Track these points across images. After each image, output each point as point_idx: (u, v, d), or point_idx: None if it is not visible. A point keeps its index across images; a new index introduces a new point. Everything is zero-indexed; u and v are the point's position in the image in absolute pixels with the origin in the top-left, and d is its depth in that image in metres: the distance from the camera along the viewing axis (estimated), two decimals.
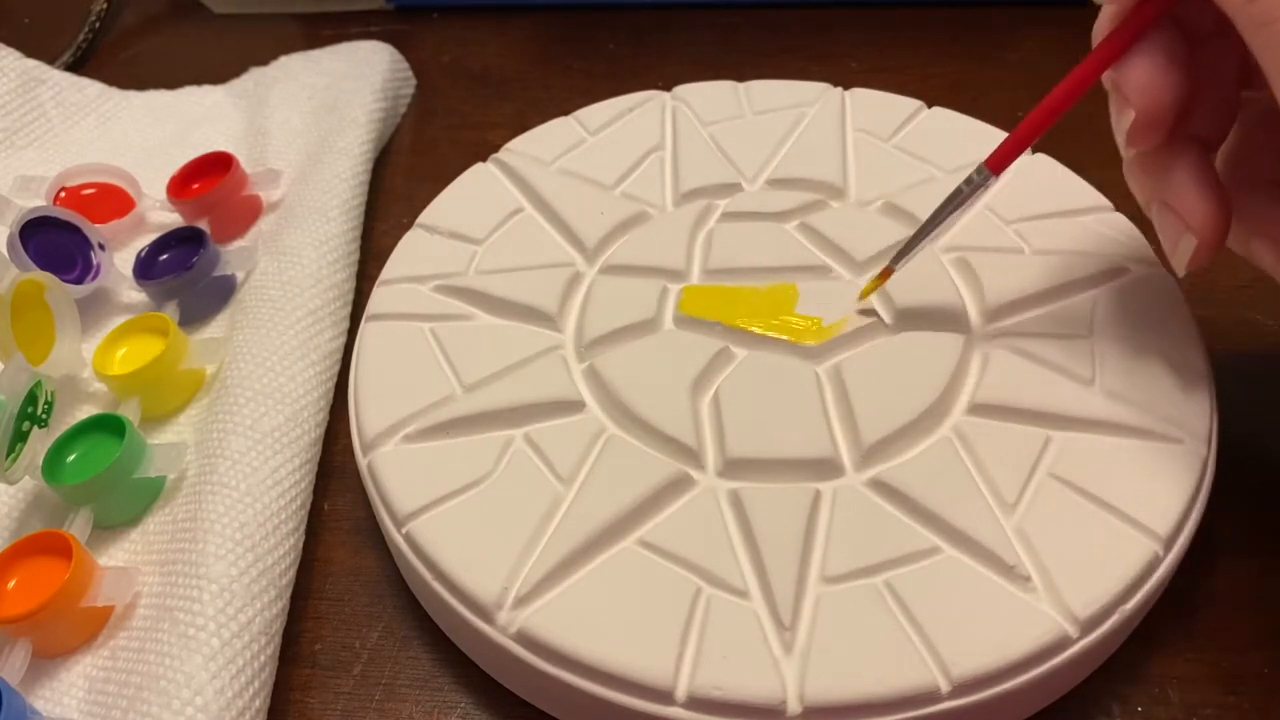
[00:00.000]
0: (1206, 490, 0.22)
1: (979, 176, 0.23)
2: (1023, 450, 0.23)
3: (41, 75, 0.40)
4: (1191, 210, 0.22)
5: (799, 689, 0.20)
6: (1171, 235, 0.22)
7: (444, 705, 0.23)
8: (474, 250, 0.29)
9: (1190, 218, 0.22)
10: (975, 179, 0.23)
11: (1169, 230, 0.22)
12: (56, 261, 0.31)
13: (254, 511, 0.24)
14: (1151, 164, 0.22)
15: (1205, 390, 0.24)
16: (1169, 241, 0.23)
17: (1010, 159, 0.23)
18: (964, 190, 0.23)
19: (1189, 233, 0.22)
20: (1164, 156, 0.22)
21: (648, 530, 0.22)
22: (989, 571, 0.21)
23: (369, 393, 0.26)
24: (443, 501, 0.23)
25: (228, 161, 0.34)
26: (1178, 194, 0.22)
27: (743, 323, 0.26)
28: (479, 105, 0.40)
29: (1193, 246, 0.22)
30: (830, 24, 0.42)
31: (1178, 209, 0.22)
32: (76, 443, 0.27)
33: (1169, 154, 0.22)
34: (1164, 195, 0.22)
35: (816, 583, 0.21)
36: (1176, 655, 0.23)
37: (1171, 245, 0.22)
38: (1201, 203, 0.22)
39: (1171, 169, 0.22)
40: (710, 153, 0.31)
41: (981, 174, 0.23)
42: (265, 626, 0.23)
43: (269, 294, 0.30)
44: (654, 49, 0.42)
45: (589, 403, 0.25)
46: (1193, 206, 0.22)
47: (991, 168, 0.23)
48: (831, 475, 0.23)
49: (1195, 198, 0.22)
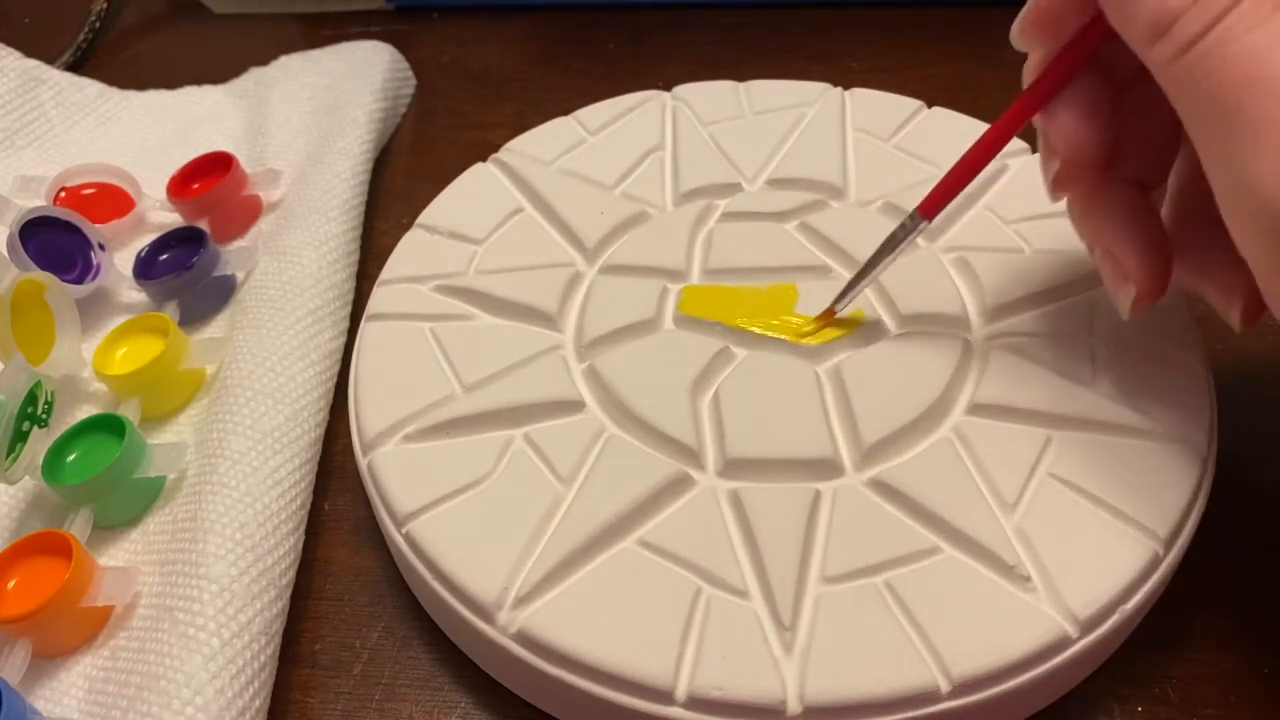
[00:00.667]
0: (1206, 490, 0.22)
1: (912, 222, 0.23)
2: (1023, 450, 0.23)
3: (41, 75, 0.40)
4: (1125, 258, 0.21)
5: (799, 689, 0.20)
6: (1111, 282, 0.22)
7: (444, 705, 0.23)
8: (474, 250, 0.29)
9: (1126, 265, 0.21)
10: (909, 224, 0.23)
11: (1108, 276, 0.22)
12: (56, 261, 0.31)
13: (254, 511, 0.24)
14: (1088, 209, 0.22)
15: (1205, 390, 0.24)
16: (1110, 287, 0.22)
17: (941, 205, 0.23)
18: (899, 235, 0.24)
19: (1126, 281, 0.21)
20: (1099, 201, 0.22)
21: (648, 530, 0.22)
22: (989, 571, 0.21)
23: (369, 393, 0.26)
24: (443, 501, 0.23)
25: (228, 161, 0.34)
26: (1113, 241, 0.21)
27: (743, 323, 0.26)
28: (479, 105, 0.40)
29: (1132, 294, 0.21)
30: (830, 24, 0.42)
31: (1115, 255, 0.21)
32: (76, 443, 0.27)
33: (1104, 198, 0.22)
34: (1101, 241, 0.22)
35: (816, 583, 0.21)
36: (1176, 655, 0.23)
37: (1113, 291, 0.22)
38: (1135, 251, 0.21)
39: (1108, 214, 0.22)
40: (710, 153, 0.31)
41: (914, 219, 0.23)
42: (265, 626, 0.23)
43: (269, 294, 0.30)
44: (654, 49, 0.42)
45: (589, 403, 0.25)
46: (1126, 254, 0.21)
47: (924, 213, 0.23)
48: (831, 475, 0.23)
49: (1129, 245, 0.21)
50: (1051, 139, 0.21)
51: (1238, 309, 0.21)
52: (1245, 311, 0.21)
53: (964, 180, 0.23)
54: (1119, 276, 0.22)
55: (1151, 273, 0.21)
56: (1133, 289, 0.21)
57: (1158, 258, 0.21)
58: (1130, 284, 0.21)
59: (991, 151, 0.22)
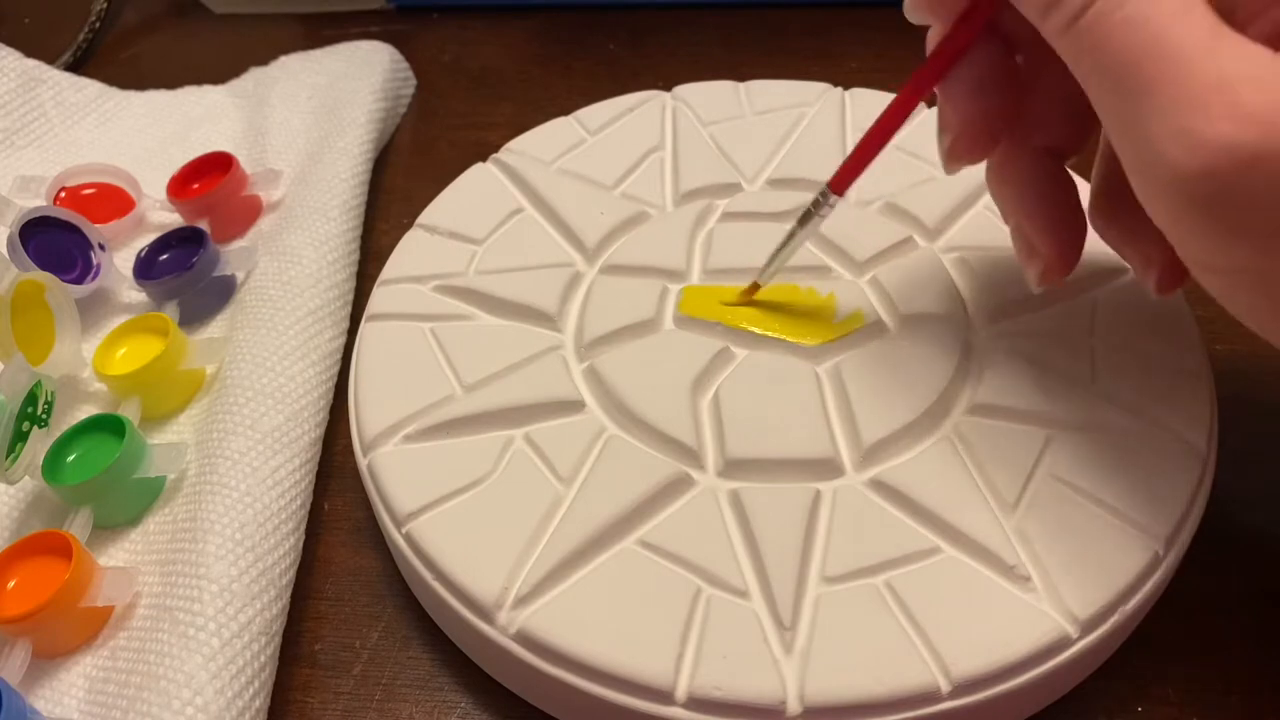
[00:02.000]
0: (1206, 490, 0.22)
1: (824, 198, 0.23)
2: (1023, 450, 0.23)
3: (41, 75, 0.40)
4: (1033, 232, 0.21)
5: (799, 689, 0.20)
6: (1019, 254, 0.22)
7: (444, 705, 0.23)
8: (474, 250, 0.29)
9: (1034, 239, 0.21)
10: (821, 200, 0.23)
11: (1018, 248, 0.22)
12: (56, 261, 0.31)
13: (254, 511, 0.24)
14: (999, 179, 0.22)
15: (1205, 390, 0.24)
16: (1020, 258, 0.22)
17: (850, 180, 0.23)
18: (812, 212, 0.24)
19: (1033, 254, 0.21)
20: (1009, 171, 0.21)
21: (648, 530, 0.22)
22: (989, 571, 0.21)
23: (369, 393, 0.26)
24: (443, 501, 0.23)
25: (228, 161, 0.34)
26: (1022, 214, 0.21)
27: (743, 323, 0.26)
28: (479, 105, 0.40)
29: (1039, 267, 0.21)
30: (830, 24, 0.42)
31: (1020, 228, 0.21)
32: (76, 443, 0.27)
33: (1014, 169, 0.21)
34: (1013, 213, 0.22)
35: (816, 583, 0.21)
36: (1176, 655, 0.23)
37: (1021, 263, 0.22)
38: (1043, 225, 0.21)
39: (1017, 186, 0.21)
40: (710, 153, 0.31)
41: (826, 196, 0.23)
42: (265, 626, 0.23)
43: (269, 294, 0.30)
44: (654, 49, 0.42)
45: (589, 403, 0.25)
46: (1034, 228, 0.21)
47: (834, 189, 0.23)
48: (831, 475, 0.23)
49: (1038, 220, 0.21)
50: (944, 111, 0.21)
51: (1153, 277, 0.20)
52: (1161, 279, 0.20)
53: (869, 156, 0.22)
54: (1026, 250, 0.22)
55: (1057, 247, 0.21)
56: (1040, 263, 0.21)
57: (1065, 232, 0.21)
58: (1038, 257, 0.21)
59: (892, 126, 0.22)
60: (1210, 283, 0.17)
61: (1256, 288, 0.16)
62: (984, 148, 0.21)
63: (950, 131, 0.21)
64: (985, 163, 0.22)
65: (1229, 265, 0.16)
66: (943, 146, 0.21)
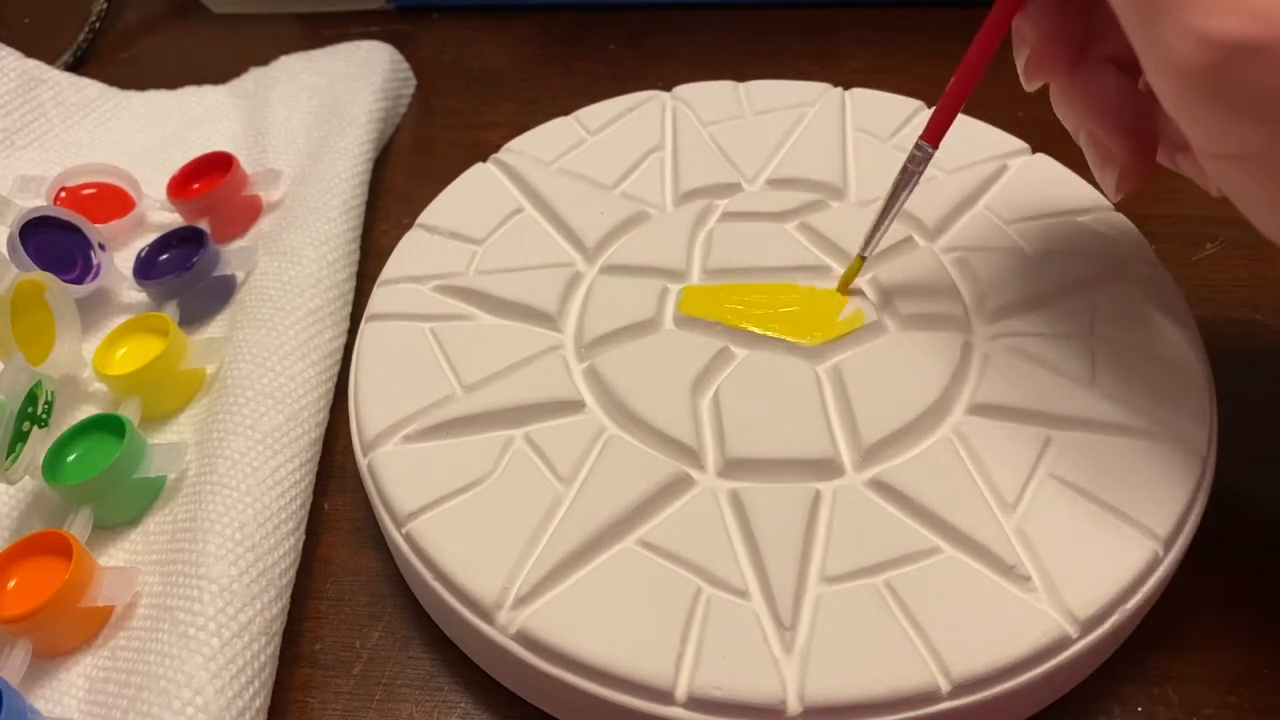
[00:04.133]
0: (1206, 490, 0.22)
1: (921, 152, 0.24)
2: (1023, 450, 0.23)
3: (41, 75, 0.40)
4: (1107, 137, 0.22)
5: (799, 689, 0.20)
6: (1096, 162, 0.23)
7: (444, 705, 0.23)
8: (474, 250, 0.29)
9: (1110, 143, 0.22)
10: (918, 154, 0.24)
11: (1093, 157, 0.23)
12: (56, 261, 0.31)
13: (254, 511, 0.24)
14: (1070, 93, 0.23)
15: (1205, 390, 0.24)
16: (1095, 169, 0.23)
17: (944, 128, 0.23)
18: (910, 168, 0.24)
19: (1110, 160, 0.22)
20: (1080, 84, 0.22)
21: (648, 530, 0.22)
22: (989, 571, 0.21)
23: (369, 393, 0.26)
24: (443, 501, 0.23)
25: (228, 161, 0.34)
26: (1094, 121, 0.22)
27: (743, 323, 0.26)
28: (479, 105, 0.40)
29: (1116, 172, 0.22)
30: (830, 24, 0.42)
31: (1098, 136, 0.22)
32: (76, 443, 0.27)
33: (1084, 81, 0.22)
34: (1084, 124, 0.23)
35: (816, 583, 0.21)
36: (1176, 655, 0.23)
37: (1098, 172, 0.23)
38: (1115, 129, 0.22)
39: (1087, 96, 0.22)
40: (710, 153, 0.31)
41: (922, 149, 0.24)
42: (265, 626, 0.23)
43: (269, 294, 0.30)
44: (654, 49, 0.42)
45: (589, 403, 0.25)
46: (1107, 133, 0.22)
47: (928, 140, 0.23)
48: (831, 475, 0.23)
49: (1110, 125, 0.22)
50: (1021, 28, 0.22)
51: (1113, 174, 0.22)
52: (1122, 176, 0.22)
53: (960, 100, 0.23)
54: (1102, 157, 0.23)
55: (1133, 149, 0.22)
56: (1116, 167, 0.22)
57: (1137, 134, 0.22)
58: (1114, 162, 0.22)
59: (982, 62, 0.22)
60: (1217, 169, 0.18)
61: (1258, 171, 0.17)
62: (1062, 62, 0.22)
63: (1028, 45, 0.22)
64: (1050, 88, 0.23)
65: (1238, 151, 0.17)
66: (1020, 62, 0.22)
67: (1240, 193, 0.18)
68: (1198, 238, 0.31)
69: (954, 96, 0.23)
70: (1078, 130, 0.23)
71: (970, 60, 0.22)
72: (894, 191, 0.24)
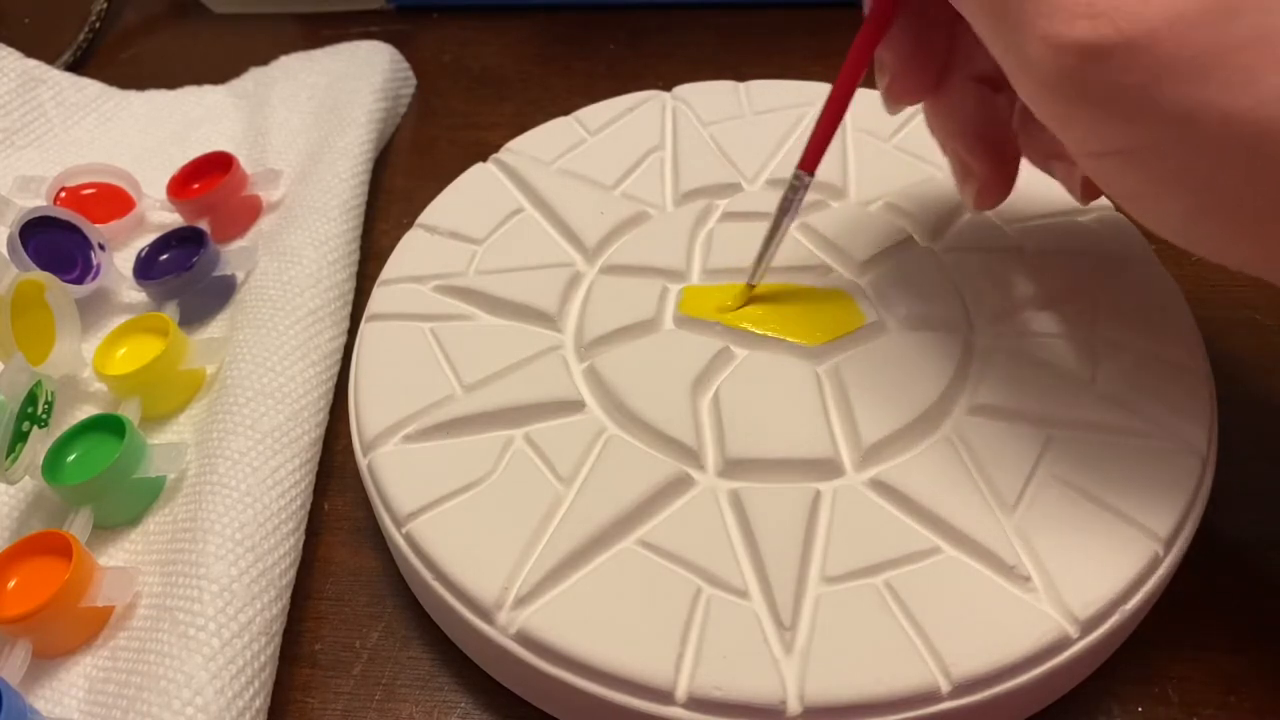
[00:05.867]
0: (1206, 490, 0.22)
1: (798, 180, 0.24)
2: (1023, 450, 0.23)
3: (41, 75, 0.40)
4: (968, 156, 0.23)
5: (799, 689, 0.20)
6: (957, 178, 0.24)
7: (444, 705, 0.23)
8: (474, 250, 0.29)
9: (969, 160, 0.23)
10: (796, 183, 0.24)
11: (955, 172, 0.24)
12: (56, 261, 0.31)
13: (254, 511, 0.24)
14: (935, 112, 0.23)
15: (1205, 390, 0.24)
16: (957, 182, 0.24)
17: (818, 156, 0.24)
18: (790, 197, 0.24)
19: (969, 176, 0.23)
20: (944, 104, 0.23)
21: (648, 530, 0.22)
22: (989, 571, 0.21)
23: (369, 393, 0.26)
24: (443, 501, 0.23)
25: (228, 161, 0.34)
26: (958, 140, 0.23)
27: (743, 323, 0.26)
28: (479, 105, 0.40)
29: (974, 189, 0.23)
30: (830, 24, 0.42)
31: (959, 152, 0.23)
32: (76, 443, 0.27)
33: (948, 101, 0.23)
34: (949, 141, 0.23)
35: (816, 583, 0.21)
36: (1176, 655, 0.23)
37: (959, 187, 0.24)
38: (977, 148, 0.23)
39: (953, 115, 0.23)
40: (710, 153, 0.31)
41: (799, 177, 0.24)
42: (265, 626, 0.23)
43: (269, 294, 0.30)
44: (654, 49, 0.42)
45: (589, 403, 0.25)
46: (969, 151, 0.23)
47: (805, 169, 0.24)
48: (831, 475, 0.23)
49: (972, 143, 0.23)
50: (882, 55, 0.22)
51: (1078, 182, 0.22)
52: (1086, 186, 0.22)
53: (831, 129, 0.23)
54: (963, 172, 0.23)
55: (992, 167, 0.23)
56: (975, 184, 0.23)
57: (999, 154, 0.23)
58: (973, 179, 0.23)
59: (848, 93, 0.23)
60: (1094, 168, 0.19)
61: (1131, 167, 0.18)
62: (923, 86, 0.23)
63: (888, 72, 0.23)
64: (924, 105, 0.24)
65: (1104, 148, 0.18)
66: (881, 87, 0.23)
67: (1122, 190, 0.19)
68: None
69: (826, 125, 0.23)
70: (944, 146, 0.24)
71: (837, 91, 0.23)
72: (777, 219, 0.25)
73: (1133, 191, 0.18)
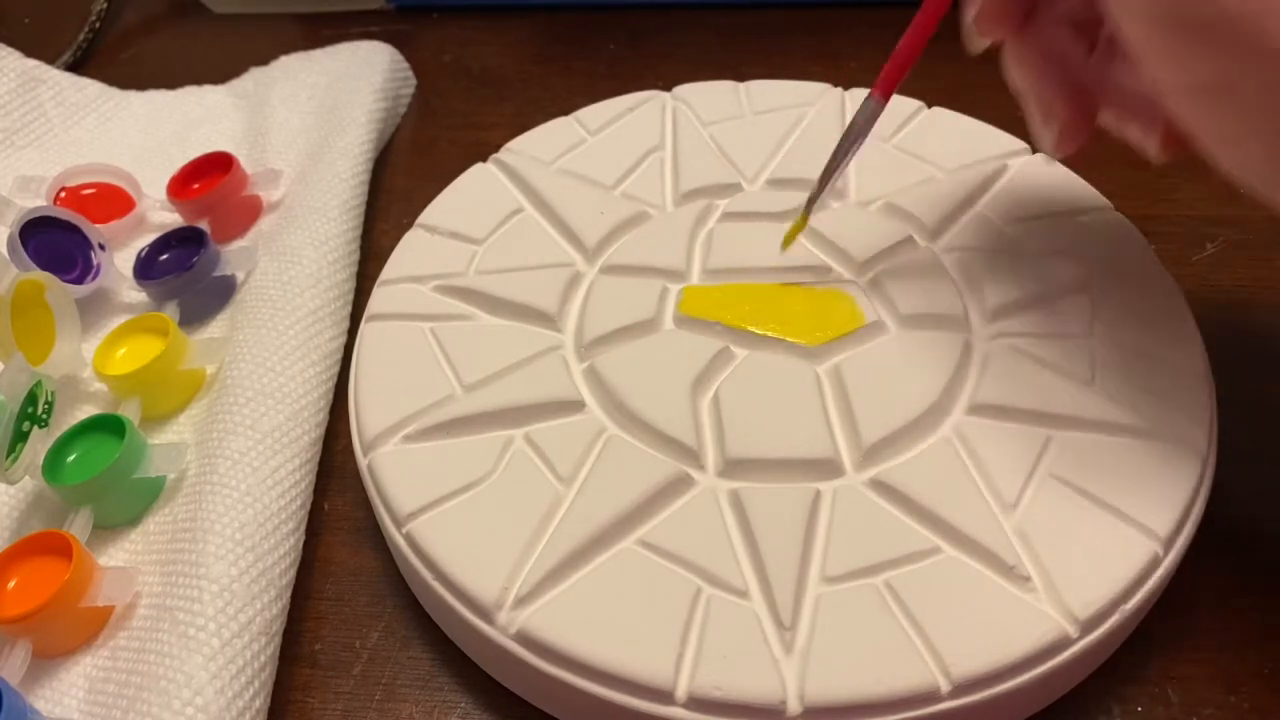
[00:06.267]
0: (1206, 490, 0.22)
1: (868, 104, 0.24)
2: (1023, 450, 0.23)
3: (41, 75, 0.40)
4: (1048, 97, 0.23)
5: (799, 689, 0.20)
6: (1038, 120, 0.23)
7: (444, 705, 0.23)
8: (474, 250, 0.29)
9: (1054, 103, 0.22)
10: (866, 107, 0.24)
11: (1032, 117, 0.23)
12: (56, 261, 0.31)
13: (254, 511, 0.24)
14: (1020, 52, 0.23)
15: (1205, 390, 0.24)
16: (1035, 127, 0.23)
17: (894, 83, 0.24)
18: (858, 122, 0.24)
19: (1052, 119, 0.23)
20: (1030, 44, 0.23)
21: (648, 530, 0.22)
22: (989, 571, 0.21)
23: (369, 393, 0.26)
24: (443, 501, 0.23)
25: (228, 161, 0.34)
26: (1038, 81, 0.23)
27: (743, 323, 0.26)
28: (479, 105, 0.40)
29: (1055, 130, 0.23)
30: (830, 24, 0.42)
31: (1044, 95, 0.23)
32: (76, 443, 0.27)
33: (1034, 41, 0.23)
34: (1029, 83, 0.23)
35: (816, 583, 0.21)
36: (1176, 655, 0.23)
37: (1038, 130, 0.23)
38: (1062, 88, 0.22)
39: (1034, 56, 0.23)
40: (710, 153, 0.31)
41: (870, 102, 0.24)
42: (265, 626, 0.23)
43: (269, 294, 0.30)
44: (654, 49, 0.42)
45: (589, 403, 0.25)
46: (1049, 93, 0.22)
47: (880, 93, 0.24)
48: (831, 475, 0.23)
49: (1053, 85, 0.22)
50: None
51: (1157, 137, 0.22)
52: (1164, 139, 0.22)
53: (912, 55, 0.23)
54: (1044, 115, 0.23)
55: (1074, 108, 0.22)
56: (1057, 125, 0.23)
57: (1081, 96, 0.22)
58: (1053, 121, 0.23)
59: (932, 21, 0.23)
60: (1186, 107, 0.18)
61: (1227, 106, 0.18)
62: (1012, 20, 0.22)
63: (976, 2, 0.22)
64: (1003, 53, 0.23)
65: (1196, 83, 0.18)
66: (969, 16, 0.22)
67: (1207, 129, 0.18)
68: (1198, 238, 0.31)
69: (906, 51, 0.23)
70: (1023, 89, 0.23)
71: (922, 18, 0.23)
72: (841, 144, 0.25)
73: (1221, 131, 0.18)
